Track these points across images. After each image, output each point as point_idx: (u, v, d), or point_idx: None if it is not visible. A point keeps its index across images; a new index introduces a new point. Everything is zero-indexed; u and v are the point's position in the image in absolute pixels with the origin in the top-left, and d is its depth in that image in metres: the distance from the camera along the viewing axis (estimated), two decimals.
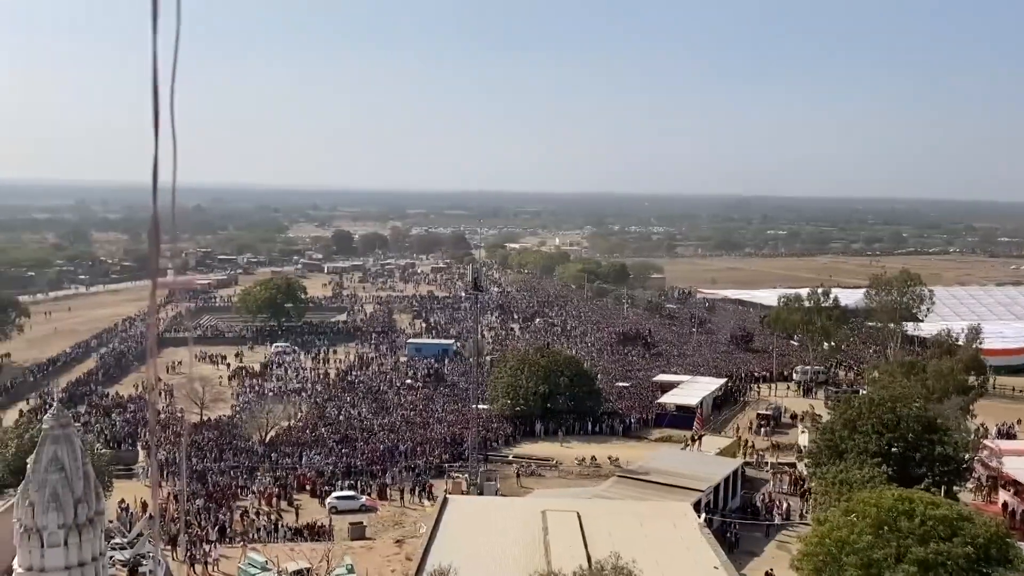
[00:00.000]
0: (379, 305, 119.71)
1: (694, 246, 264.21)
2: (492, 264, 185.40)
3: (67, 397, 61.35)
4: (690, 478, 41.95)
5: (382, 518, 43.37)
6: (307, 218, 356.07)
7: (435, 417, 61.47)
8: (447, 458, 51.90)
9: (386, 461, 51.03)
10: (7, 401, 64.93)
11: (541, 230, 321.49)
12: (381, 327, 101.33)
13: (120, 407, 62.24)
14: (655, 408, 63.74)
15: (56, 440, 17.29)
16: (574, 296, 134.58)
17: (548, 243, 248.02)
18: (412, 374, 76.08)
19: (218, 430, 56.53)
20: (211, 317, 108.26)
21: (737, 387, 72.87)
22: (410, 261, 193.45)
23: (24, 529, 16.79)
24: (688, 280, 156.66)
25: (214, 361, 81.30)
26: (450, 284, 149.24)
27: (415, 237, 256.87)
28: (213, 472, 48.75)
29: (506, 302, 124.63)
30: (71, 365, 78.53)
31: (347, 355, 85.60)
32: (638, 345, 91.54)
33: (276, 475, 48.36)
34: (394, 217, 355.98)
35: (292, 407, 62.32)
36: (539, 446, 56.40)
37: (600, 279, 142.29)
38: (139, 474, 48.95)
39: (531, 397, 60.43)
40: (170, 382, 70.49)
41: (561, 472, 51.36)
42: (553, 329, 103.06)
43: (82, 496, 17.17)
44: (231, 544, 38.73)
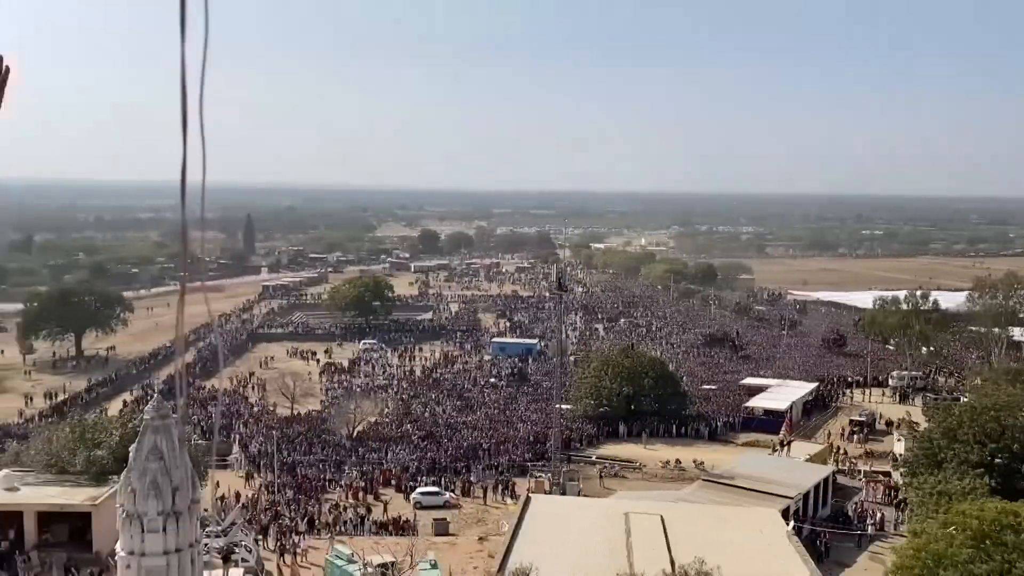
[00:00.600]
0: (464, 304, 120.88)
1: (785, 246, 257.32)
2: (576, 264, 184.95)
3: (166, 389, 64.12)
4: (778, 484, 40.84)
5: (465, 515, 43.76)
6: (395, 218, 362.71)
7: (518, 416, 61.69)
8: (530, 457, 51.99)
9: (469, 458, 51.51)
10: (112, 392, 68.35)
11: (626, 230, 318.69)
12: (466, 326, 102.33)
13: (215, 399, 64.66)
14: (742, 412, 62.40)
15: (156, 430, 18.04)
16: (660, 297, 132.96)
17: (633, 243, 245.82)
18: (496, 373, 76.56)
19: (307, 424, 58.12)
20: (302, 314, 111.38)
21: (829, 392, 70.60)
22: (495, 261, 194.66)
23: (126, 514, 17.58)
24: (778, 281, 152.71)
25: (304, 357, 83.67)
26: (534, 284, 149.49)
27: (500, 237, 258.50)
28: (303, 465, 50.13)
29: (590, 302, 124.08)
30: (170, 359, 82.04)
31: (432, 353, 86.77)
32: (725, 347, 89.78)
33: (363, 469, 49.41)
34: (479, 217, 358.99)
35: (379, 403, 63.57)
36: (622, 447, 55.93)
37: (687, 280, 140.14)
38: (233, 464, 50.77)
39: (615, 398, 60.02)
40: (262, 376, 72.90)
41: (645, 475, 50.78)
42: (638, 330, 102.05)
43: (179, 485, 17.87)
44: (319, 536, 39.74)
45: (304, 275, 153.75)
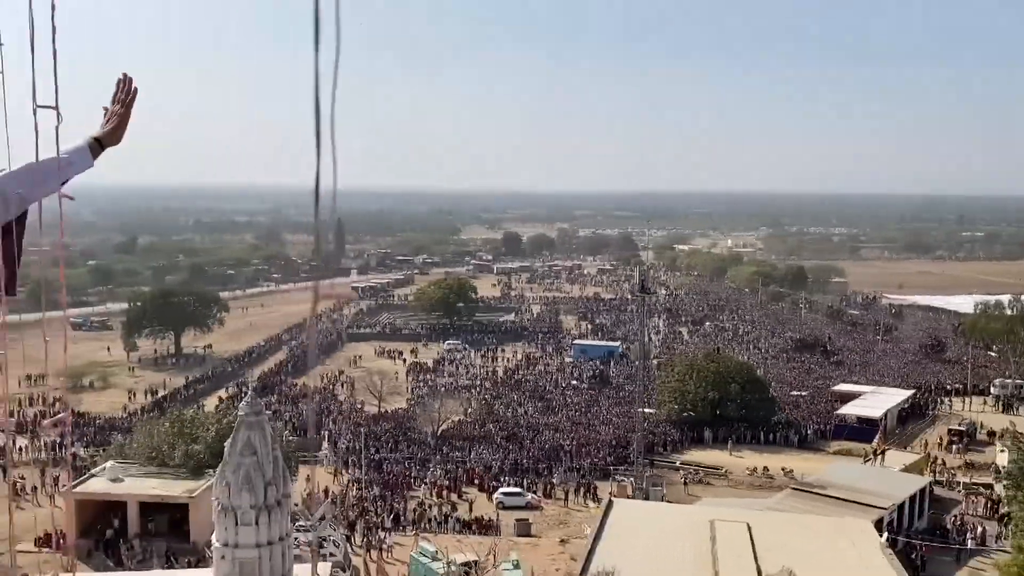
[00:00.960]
0: (546, 306, 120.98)
1: (879, 248, 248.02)
2: (660, 266, 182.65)
3: (260, 386, 66.32)
4: (871, 494, 39.47)
5: (547, 516, 43.83)
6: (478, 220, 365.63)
7: (600, 419, 61.41)
8: (612, 461, 51.69)
9: (551, 460, 51.55)
10: (209, 388, 71.14)
11: (712, 231, 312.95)
12: (547, 328, 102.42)
13: (306, 397, 66.56)
14: (833, 419, 60.53)
15: (250, 426, 18.72)
16: (747, 300, 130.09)
17: (719, 244, 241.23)
18: (577, 375, 76.38)
19: (394, 422, 59.24)
20: (389, 314, 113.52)
21: (926, 400, 67.77)
22: (577, 262, 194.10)
23: (221, 507, 18.29)
24: (873, 284, 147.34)
25: (391, 356, 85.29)
26: (616, 286, 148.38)
27: (582, 238, 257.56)
28: (389, 462, 51.13)
29: (674, 305, 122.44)
30: (264, 357, 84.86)
31: (514, 354, 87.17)
32: (816, 352, 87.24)
33: (447, 468, 50.05)
34: (561, 219, 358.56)
35: (462, 403, 64.30)
36: (708, 453, 55.02)
37: (775, 282, 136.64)
38: (322, 460, 52.14)
39: (700, 403, 59.09)
40: (351, 375, 74.68)
41: (731, 482, 49.84)
42: (724, 334, 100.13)
43: (271, 479, 18.50)
44: (404, 532, 40.45)
45: (391, 277, 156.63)
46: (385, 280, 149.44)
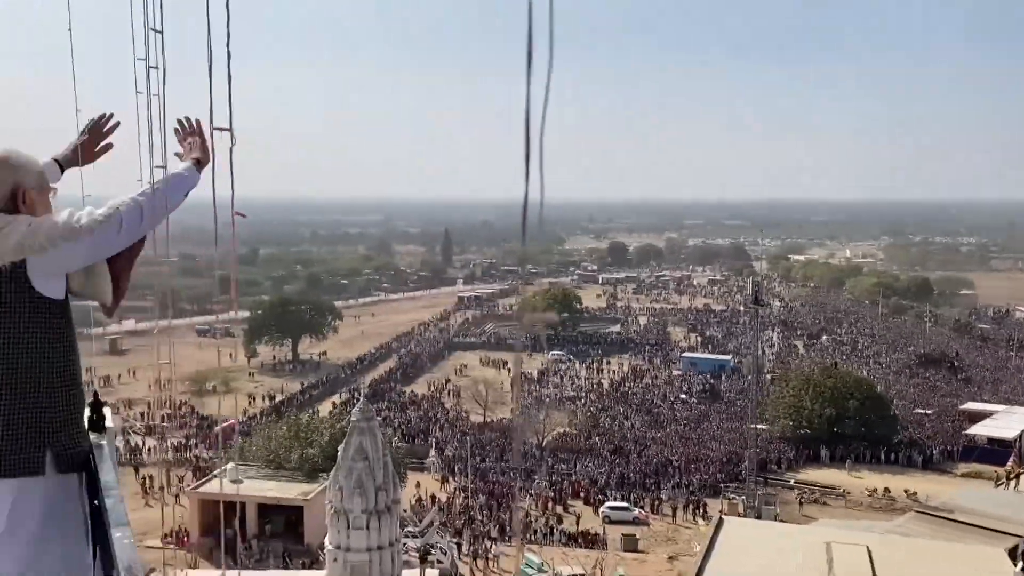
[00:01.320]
0: (653, 317, 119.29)
1: (1014, 258, 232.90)
2: (774, 277, 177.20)
3: (371, 393, 68.03)
4: (1005, 521, 36.82)
5: (654, 532, 43.04)
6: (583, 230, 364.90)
7: (710, 434, 59.94)
8: (722, 477, 50.31)
9: (659, 475, 50.61)
10: (323, 394, 73.50)
11: (829, 241, 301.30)
12: (655, 339, 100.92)
13: (415, 404, 67.84)
14: (962, 439, 57.02)
15: (362, 432, 19.16)
16: (866, 313, 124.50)
17: (837, 255, 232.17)
18: (686, 388, 74.85)
19: (499, 431, 59.56)
20: (494, 324, 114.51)
21: None
22: (686, 273, 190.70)
23: (334, 510, 18.77)
24: (1006, 297, 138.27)
25: (496, 366, 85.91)
26: (728, 297, 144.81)
27: (691, 248, 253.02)
28: (495, 471, 51.39)
29: (789, 317, 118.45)
30: (375, 364, 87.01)
31: (620, 366, 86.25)
32: (942, 369, 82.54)
33: (552, 479, 49.88)
34: (670, 228, 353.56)
35: (567, 414, 64.04)
36: (824, 472, 52.81)
37: (898, 294, 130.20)
38: (430, 468, 52.91)
39: (816, 420, 56.84)
40: (457, 383, 75.65)
41: (849, 503, 47.67)
42: (842, 348, 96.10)
43: (382, 484, 18.86)
44: (509, 543, 40.51)
45: (496, 287, 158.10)
46: (490, 290, 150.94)
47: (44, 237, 2.88)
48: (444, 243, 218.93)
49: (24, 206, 3.02)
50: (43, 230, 2.90)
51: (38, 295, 2.90)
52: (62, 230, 2.92)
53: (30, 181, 3.08)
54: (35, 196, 3.08)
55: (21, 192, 3.03)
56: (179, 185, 3.34)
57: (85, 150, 3.62)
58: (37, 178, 3.13)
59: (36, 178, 3.12)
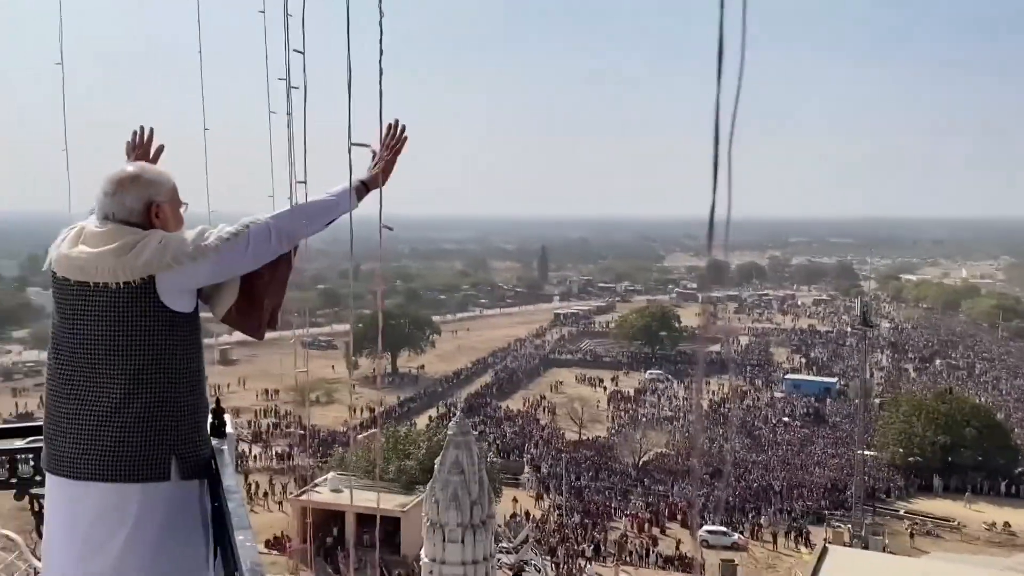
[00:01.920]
0: (755, 337, 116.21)
1: None
2: (883, 297, 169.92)
3: (467, 408, 68.63)
4: None
5: (754, 559, 41.74)
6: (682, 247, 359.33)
7: (814, 459, 57.80)
8: (827, 505, 48.38)
9: (760, 500, 49.10)
10: (421, 407, 74.65)
11: (944, 260, 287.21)
12: (757, 360, 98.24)
13: (510, 420, 68.07)
14: None
15: (458, 446, 19.35)
16: (984, 336, 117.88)
17: (952, 274, 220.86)
18: (789, 411, 72.49)
19: (595, 450, 59.05)
20: (590, 341, 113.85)
21: None
22: (789, 292, 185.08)
23: (430, 523, 18.98)
24: None
25: (592, 384, 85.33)
26: (834, 318, 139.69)
27: (796, 267, 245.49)
28: (590, 490, 50.94)
29: (899, 340, 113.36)
30: (471, 379, 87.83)
31: (720, 386, 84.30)
32: None
33: (648, 500, 49.09)
34: (773, 246, 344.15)
35: (664, 435, 62.97)
36: (937, 503, 50.08)
37: (1019, 317, 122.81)
38: (525, 484, 52.90)
39: (928, 447, 54.02)
40: (552, 400, 75.53)
41: (964, 536, 45.01)
42: (957, 373, 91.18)
43: (477, 499, 18.97)
44: (604, 563, 40.03)
45: (593, 304, 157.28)
46: (587, 307, 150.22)
47: (171, 255, 2.97)
48: (540, 259, 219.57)
49: (158, 220, 3.12)
50: (171, 248, 3.00)
51: (167, 309, 3.01)
52: (190, 248, 3.01)
53: (163, 196, 3.17)
54: (168, 211, 3.17)
55: (155, 207, 3.13)
56: (324, 210, 3.33)
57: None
58: (169, 192, 3.21)
59: (169, 193, 3.20)
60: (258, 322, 3.34)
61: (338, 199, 3.38)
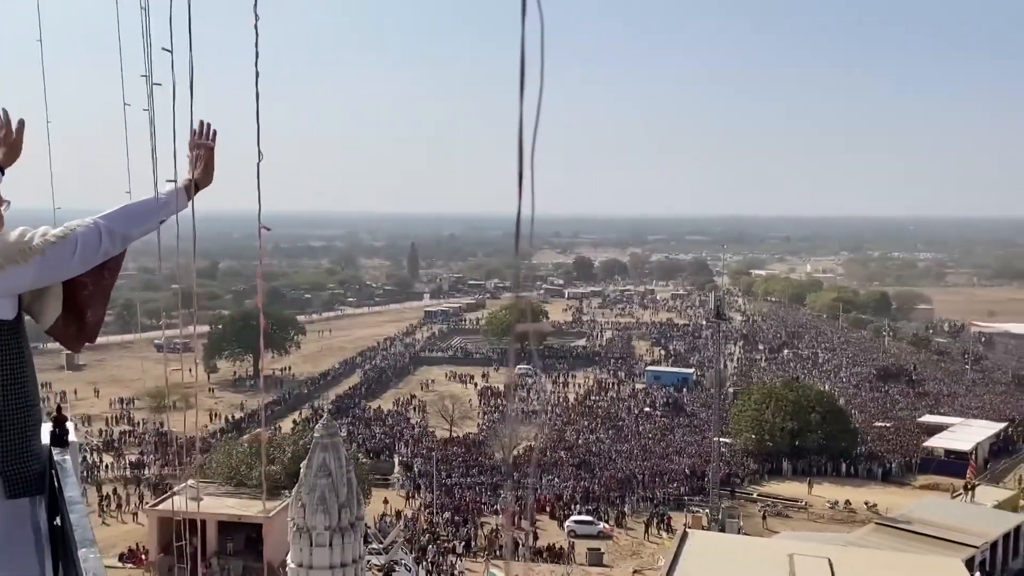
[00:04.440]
0: (618, 331, 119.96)
1: (968, 274, 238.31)
2: (736, 291, 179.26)
3: (335, 409, 67.37)
4: (961, 532, 37.60)
5: (619, 546, 43.09)
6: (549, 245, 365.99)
7: (674, 448, 60.28)
8: (686, 491, 50.60)
9: (624, 489, 50.75)
10: (286, 410, 72.59)
11: (790, 256, 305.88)
12: (619, 353, 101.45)
13: (380, 420, 67.32)
14: (920, 452, 58.05)
15: (325, 448, 18.96)
16: (827, 327, 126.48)
17: (798, 270, 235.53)
18: (650, 402, 75.27)
19: (465, 447, 59.28)
20: (461, 339, 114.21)
21: (1020, 433, 64.44)
22: (649, 288, 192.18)
23: (296, 528, 18.52)
24: (961, 312, 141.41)
25: (463, 380, 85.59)
26: (690, 312, 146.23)
27: (655, 263, 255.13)
28: (460, 487, 51.11)
29: (750, 331, 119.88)
30: (339, 380, 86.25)
31: (586, 380, 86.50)
32: (900, 382, 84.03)
33: (518, 494, 49.75)
34: (634, 243, 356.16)
35: (533, 429, 63.99)
36: (786, 486, 53.37)
37: (857, 309, 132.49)
38: (395, 484, 52.49)
39: (778, 433, 57.43)
40: (423, 398, 75.26)
41: (810, 515, 48.22)
42: (803, 362, 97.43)
43: (345, 501, 18.66)
44: (475, 558, 40.28)
45: (464, 301, 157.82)
46: (457, 304, 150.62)
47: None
48: (411, 257, 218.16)
49: None
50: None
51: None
52: (11, 250, 2.80)
53: None
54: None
55: None
56: (153, 210, 3.17)
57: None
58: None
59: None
60: (82, 333, 3.14)
61: (168, 198, 3.25)
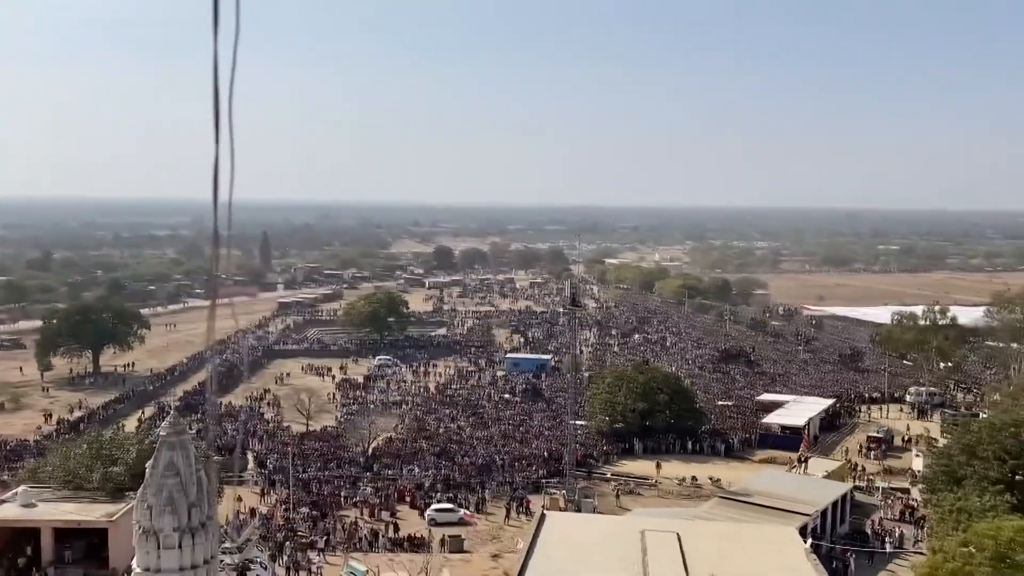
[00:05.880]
0: (478, 320, 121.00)
1: (800, 261, 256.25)
2: (590, 279, 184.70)
3: (183, 406, 64.37)
4: (795, 501, 40.51)
5: (480, 532, 43.61)
6: (409, 234, 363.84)
7: (532, 432, 61.54)
8: (544, 474, 51.79)
9: (484, 475, 51.37)
10: (129, 408, 68.71)
11: (640, 245, 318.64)
12: (479, 341, 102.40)
13: (231, 416, 64.91)
14: (759, 428, 61.98)
15: (172, 447, 18.15)
16: (674, 312, 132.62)
17: (647, 258, 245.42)
18: (510, 389, 76.47)
19: (323, 440, 58.16)
20: (317, 330, 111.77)
21: (846, 408, 70.09)
22: (508, 276, 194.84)
23: (142, 531, 17.66)
24: (793, 296, 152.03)
25: (319, 373, 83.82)
26: (548, 299, 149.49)
27: (514, 252, 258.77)
28: (318, 481, 50.14)
29: (604, 318, 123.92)
30: (187, 375, 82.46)
31: (446, 369, 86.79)
32: (740, 363, 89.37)
33: (377, 486, 49.37)
34: (493, 232, 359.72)
35: (393, 419, 63.59)
36: (638, 464, 55.64)
37: (701, 295, 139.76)
38: (248, 481, 50.84)
39: (629, 414, 59.78)
40: (278, 393, 73.14)
41: (660, 492, 50.49)
42: (652, 346, 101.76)
43: (195, 501, 17.94)
44: (334, 552, 39.70)
45: (319, 292, 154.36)
46: (313, 295, 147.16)
47: None
48: (263, 246, 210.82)
49: None
50: None
51: None
52: None
53: None
54: None
55: None
56: None
57: None
58: None
59: None
60: None
61: None
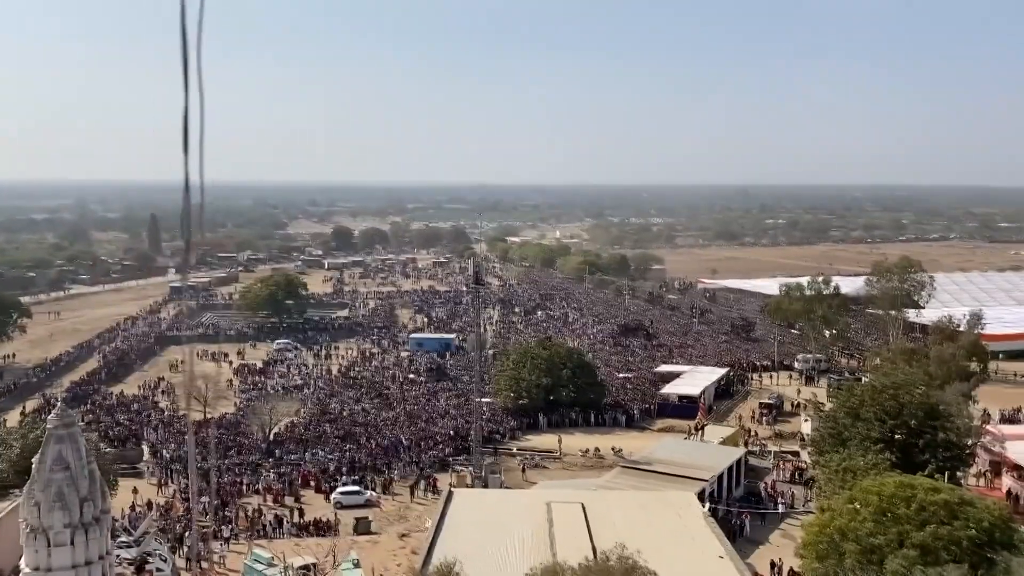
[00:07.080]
0: (380, 300, 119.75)
1: (694, 237, 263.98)
2: (492, 258, 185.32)
3: (70, 397, 61.44)
4: (693, 468, 42.01)
5: (387, 513, 43.47)
6: (305, 214, 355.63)
7: (438, 411, 61.56)
8: (451, 452, 51.98)
9: (390, 456, 51.15)
10: (10, 402, 65.02)
11: (541, 223, 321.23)
12: (382, 322, 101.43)
13: (124, 406, 62.38)
14: (657, 399, 63.81)
15: (60, 440, 17.34)
16: (575, 288, 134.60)
17: (548, 236, 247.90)
18: (414, 369, 76.13)
19: (222, 428, 56.58)
20: (212, 315, 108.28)
21: (739, 376, 72.98)
22: (410, 256, 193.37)
23: (30, 529, 16.85)
24: (688, 271, 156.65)
25: (216, 359, 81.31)
26: (451, 278, 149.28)
27: (415, 232, 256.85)
28: (218, 469, 48.80)
29: (507, 295, 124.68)
30: (74, 365, 78.60)
31: (349, 351, 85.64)
32: (639, 336, 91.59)
33: (280, 472, 48.48)
34: (393, 212, 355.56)
35: (295, 404, 62.41)
36: (543, 438, 56.47)
37: (601, 271, 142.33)
38: (144, 472, 49.07)
39: (534, 390, 60.53)
40: (172, 380, 70.63)
41: (565, 464, 51.44)
42: (555, 322, 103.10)
43: (87, 495, 17.22)
44: (237, 541, 38.84)
45: (213, 275, 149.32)
46: (206, 279, 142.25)
47: None
48: (151, 229, 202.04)
49: None
50: None
51: None
52: None
53: None
54: None
55: None
56: None
57: None
58: None
59: None
60: None
61: None
